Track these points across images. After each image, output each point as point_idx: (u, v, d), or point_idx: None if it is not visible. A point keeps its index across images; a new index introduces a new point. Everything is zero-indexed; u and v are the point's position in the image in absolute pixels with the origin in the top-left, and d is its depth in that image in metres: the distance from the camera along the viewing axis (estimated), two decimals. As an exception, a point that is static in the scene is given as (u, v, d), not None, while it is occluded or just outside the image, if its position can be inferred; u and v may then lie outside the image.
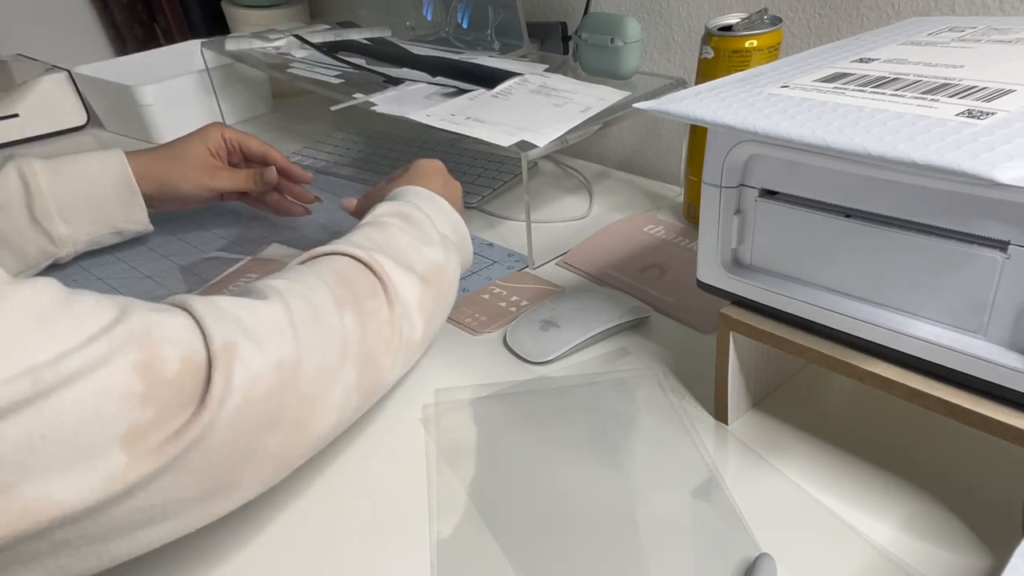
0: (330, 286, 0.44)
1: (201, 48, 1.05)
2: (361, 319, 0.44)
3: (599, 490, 0.46)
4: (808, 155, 0.39)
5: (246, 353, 0.37)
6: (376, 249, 0.49)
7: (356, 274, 0.46)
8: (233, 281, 0.70)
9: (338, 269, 0.46)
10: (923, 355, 0.39)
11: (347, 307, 0.44)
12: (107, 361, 0.32)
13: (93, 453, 0.31)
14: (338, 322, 0.43)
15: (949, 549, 0.41)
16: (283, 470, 0.41)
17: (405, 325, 0.48)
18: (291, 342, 0.39)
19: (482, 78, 0.82)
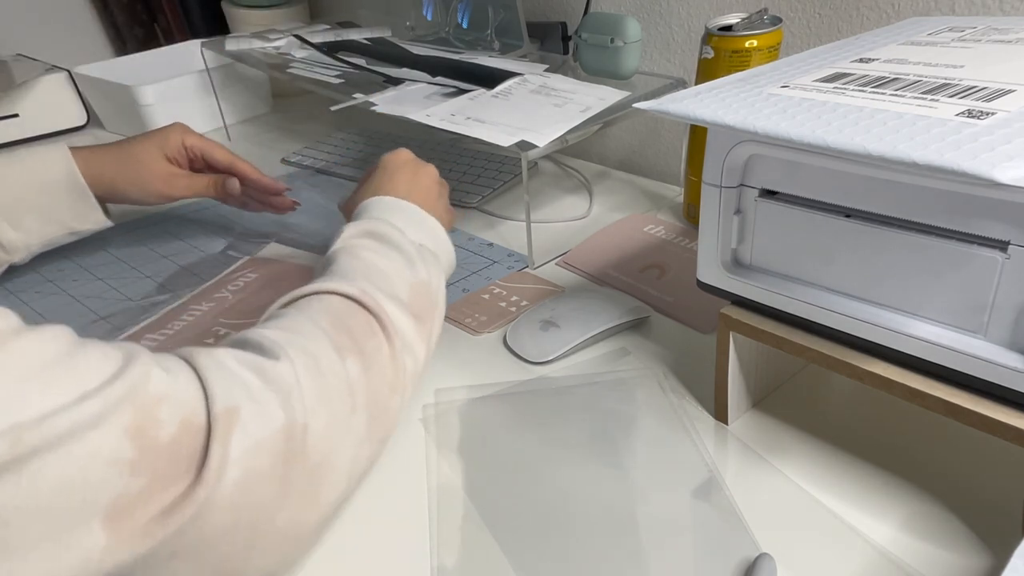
0: (327, 332, 0.41)
1: (201, 48, 1.05)
2: (364, 363, 0.41)
3: (599, 490, 0.46)
4: (808, 155, 0.39)
5: (248, 418, 0.33)
6: (361, 281, 0.45)
7: (350, 313, 0.43)
8: (232, 280, 0.70)
9: (330, 310, 0.42)
10: (923, 355, 0.39)
11: (349, 353, 0.40)
12: (99, 422, 0.29)
13: (70, 529, 0.28)
14: (342, 371, 0.39)
15: (949, 549, 0.41)
16: (294, 551, 0.38)
17: (408, 358, 0.45)
18: (298, 404, 0.36)
19: (482, 78, 0.82)
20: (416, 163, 0.61)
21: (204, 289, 0.70)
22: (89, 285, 0.72)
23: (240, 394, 0.34)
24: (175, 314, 0.66)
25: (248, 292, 0.69)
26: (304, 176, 0.96)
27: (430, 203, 0.58)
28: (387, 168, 0.60)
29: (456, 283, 0.70)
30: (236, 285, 0.70)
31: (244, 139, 1.11)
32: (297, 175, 0.96)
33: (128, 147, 0.71)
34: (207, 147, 0.73)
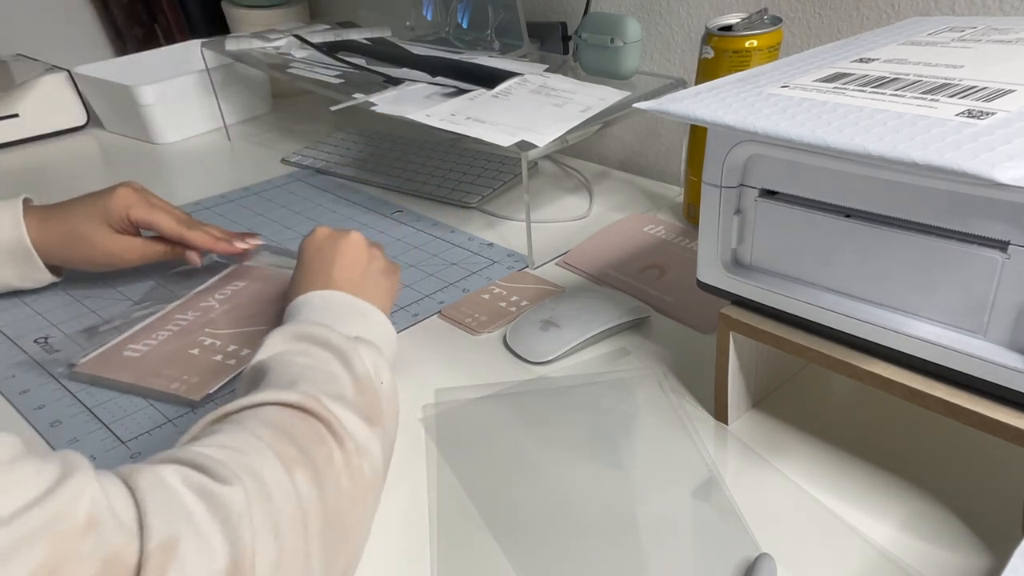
0: (270, 445, 0.36)
1: (201, 48, 1.05)
2: (316, 477, 0.36)
3: (599, 490, 0.46)
4: (808, 155, 0.39)
5: (188, 554, 0.29)
6: (301, 385, 0.41)
7: (293, 422, 0.38)
8: (219, 289, 0.68)
9: (272, 421, 0.38)
10: (923, 355, 0.39)
11: (297, 467, 0.36)
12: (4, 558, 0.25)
13: None
14: (292, 492, 0.35)
15: (949, 549, 0.41)
16: None
17: (364, 462, 0.40)
18: (247, 536, 0.32)
19: (482, 78, 0.82)
20: (334, 239, 0.56)
21: (190, 298, 0.68)
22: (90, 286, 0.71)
23: (181, 524, 0.30)
24: (160, 323, 0.64)
25: (236, 301, 0.67)
26: (304, 176, 0.96)
27: (355, 280, 0.54)
28: (305, 256, 0.56)
29: (456, 283, 0.70)
30: (223, 293, 0.68)
31: (244, 139, 1.11)
32: (297, 175, 0.96)
33: (76, 220, 0.66)
34: (154, 221, 0.67)
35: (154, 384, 0.57)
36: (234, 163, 1.03)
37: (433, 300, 0.67)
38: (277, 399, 0.39)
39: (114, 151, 1.09)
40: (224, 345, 0.61)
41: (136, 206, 0.67)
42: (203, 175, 0.99)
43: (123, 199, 0.66)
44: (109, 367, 0.59)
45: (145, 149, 1.09)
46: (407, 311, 0.66)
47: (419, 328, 0.64)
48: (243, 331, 0.63)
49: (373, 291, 0.55)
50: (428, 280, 0.71)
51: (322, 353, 0.45)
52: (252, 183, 0.94)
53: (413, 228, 0.81)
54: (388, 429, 0.45)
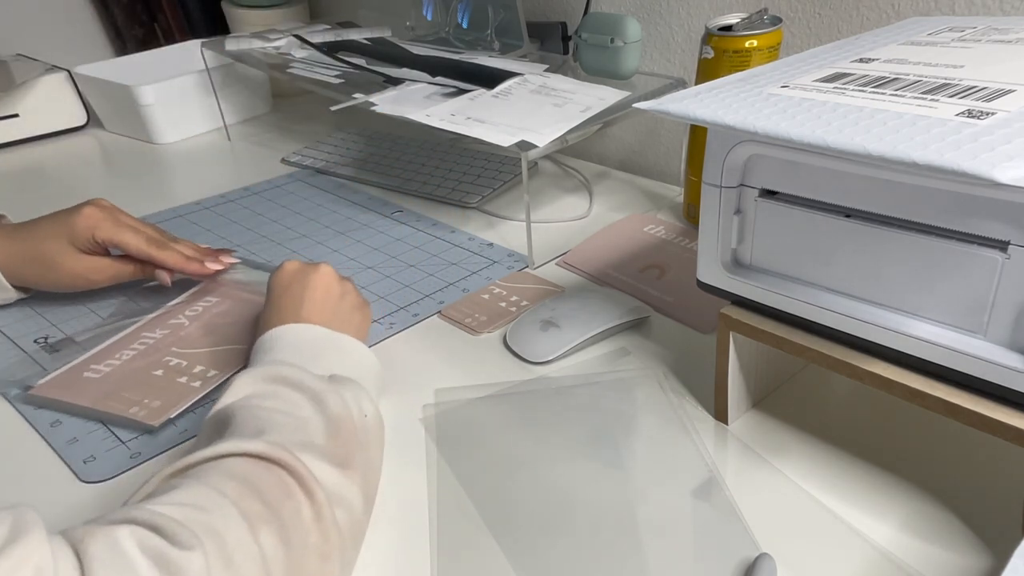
0: (234, 501, 0.34)
1: (201, 48, 1.05)
2: (282, 535, 0.35)
3: (599, 490, 0.46)
4: (808, 155, 0.39)
5: None
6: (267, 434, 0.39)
7: (258, 475, 0.36)
8: (190, 305, 0.66)
9: (236, 474, 0.36)
10: (923, 355, 0.39)
11: (262, 524, 0.34)
12: None
13: None
14: (255, 550, 0.33)
15: (949, 549, 0.41)
16: None
17: (339, 512, 0.38)
18: None
19: (482, 78, 0.82)
20: (304, 272, 0.54)
21: (159, 314, 0.65)
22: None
23: None
24: (126, 342, 0.61)
25: (206, 318, 0.64)
26: (304, 176, 0.96)
27: (327, 314, 0.52)
28: (274, 292, 0.54)
29: (456, 283, 0.70)
30: (194, 310, 0.65)
31: (244, 139, 1.11)
32: (297, 175, 0.96)
33: (37, 243, 0.64)
34: (120, 240, 0.64)
35: (112, 408, 0.54)
36: (234, 163, 1.03)
37: (433, 300, 0.67)
38: (242, 449, 0.37)
39: (114, 151, 1.09)
40: (190, 365, 0.58)
41: (101, 226, 0.64)
42: (203, 175, 0.99)
43: (88, 219, 0.63)
44: (67, 390, 0.56)
45: (145, 149, 1.09)
46: (407, 311, 0.66)
47: (419, 328, 0.64)
48: (211, 350, 0.60)
49: (346, 326, 0.53)
50: (428, 280, 0.71)
51: (293, 395, 0.43)
52: (252, 183, 0.94)
53: (413, 228, 0.81)
54: (370, 469, 0.43)
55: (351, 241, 0.78)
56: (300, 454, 0.38)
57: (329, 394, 0.43)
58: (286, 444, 0.38)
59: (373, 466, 0.44)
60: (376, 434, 0.45)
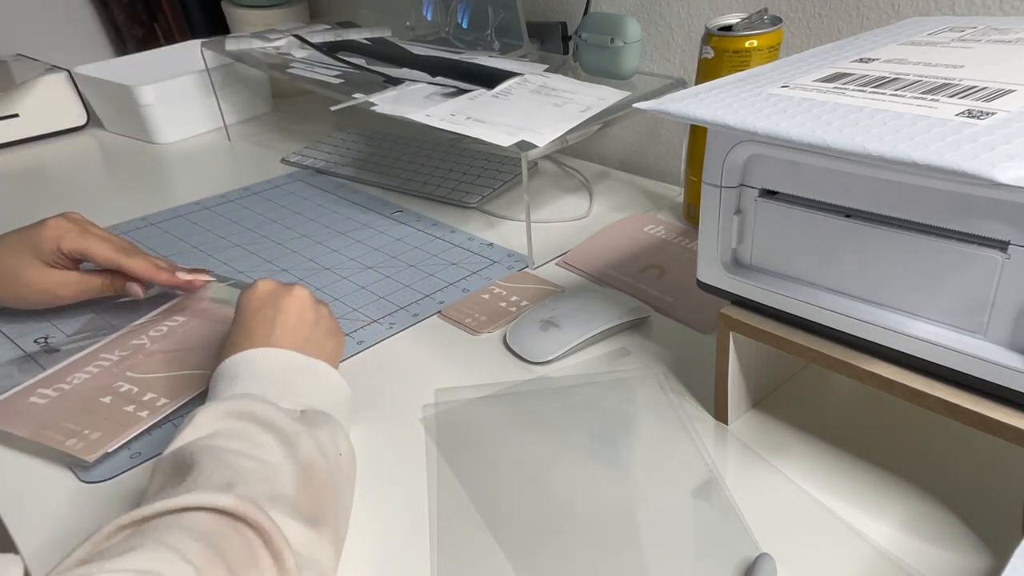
0: (197, 568, 0.31)
1: (201, 48, 1.05)
2: None
3: (599, 490, 0.46)
4: (808, 155, 0.39)
5: None
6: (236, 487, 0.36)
7: (223, 535, 0.34)
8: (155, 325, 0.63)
9: (200, 533, 0.33)
10: (923, 355, 0.39)
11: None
12: None
13: None
14: None
15: (949, 549, 0.41)
16: None
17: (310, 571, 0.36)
18: None
19: (482, 78, 0.82)
20: (277, 294, 0.51)
21: (123, 333, 0.62)
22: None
23: None
24: (82, 363, 0.58)
25: (170, 339, 0.61)
26: (304, 176, 0.96)
27: (300, 339, 0.49)
28: (244, 313, 0.50)
29: (456, 283, 0.70)
30: (159, 330, 0.62)
31: (244, 139, 1.11)
32: (297, 175, 0.96)
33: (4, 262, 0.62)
34: (87, 249, 0.62)
35: (48, 441, 0.50)
36: (234, 163, 1.03)
37: (433, 300, 0.67)
38: (209, 503, 0.34)
39: (114, 151, 1.09)
40: (141, 392, 0.55)
41: (67, 236, 0.61)
42: (203, 175, 0.99)
43: (53, 229, 0.61)
44: (8, 418, 0.53)
45: (145, 149, 1.09)
46: (407, 311, 0.66)
47: (419, 328, 0.64)
48: (168, 375, 0.57)
49: (319, 353, 0.50)
50: (428, 280, 0.71)
51: (262, 436, 0.40)
52: (252, 183, 0.94)
53: (413, 228, 0.81)
54: (341, 519, 0.41)
55: (351, 241, 0.78)
56: (270, 511, 0.36)
57: (302, 436, 0.41)
58: (256, 498, 0.36)
59: (345, 511, 0.43)
60: (349, 472, 0.44)
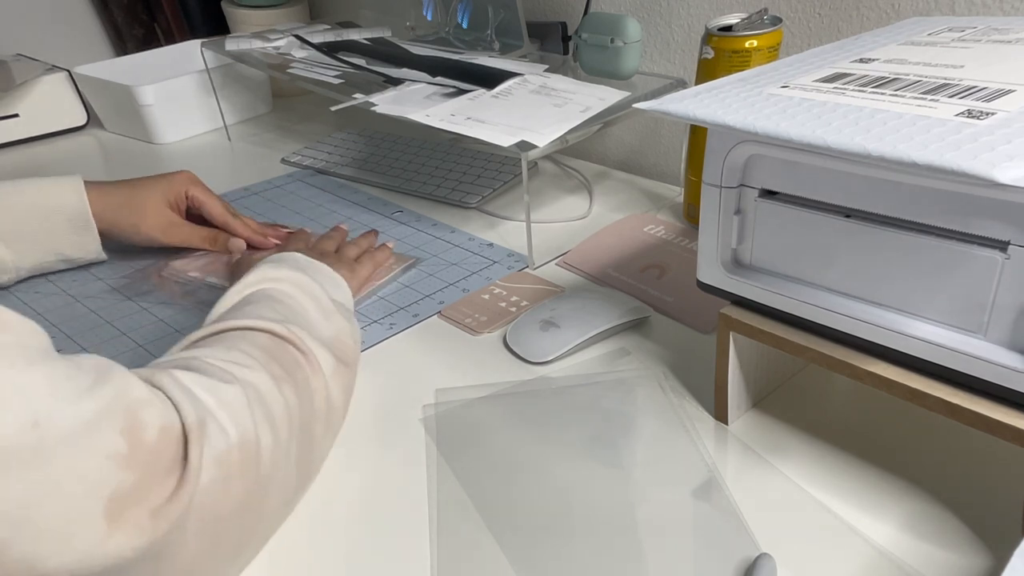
0: (262, 364, 0.42)
1: (201, 48, 1.05)
2: (296, 391, 0.43)
3: (599, 490, 0.46)
4: (808, 155, 0.39)
5: (212, 431, 0.36)
6: (287, 321, 0.47)
7: (279, 348, 0.44)
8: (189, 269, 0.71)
9: (261, 344, 0.44)
10: (923, 355, 0.39)
11: (283, 382, 0.42)
12: (98, 419, 0.31)
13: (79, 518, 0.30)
14: (280, 399, 0.41)
15: (949, 549, 0.41)
16: (237, 565, 0.40)
17: (333, 390, 0.47)
18: (249, 423, 0.38)
19: (482, 78, 0.82)
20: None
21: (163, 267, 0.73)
22: (90, 286, 0.72)
23: (202, 410, 0.36)
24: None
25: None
26: (304, 176, 0.96)
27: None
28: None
29: (456, 283, 0.70)
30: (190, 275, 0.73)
31: (244, 139, 1.11)
32: (297, 175, 0.96)
33: (136, 190, 0.72)
34: (206, 202, 0.74)
35: None
36: (234, 163, 1.03)
37: (433, 300, 0.67)
38: (267, 328, 0.45)
39: (114, 151, 1.09)
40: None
41: (196, 186, 0.74)
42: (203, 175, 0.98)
43: (185, 179, 0.74)
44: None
45: (145, 149, 1.09)
46: (407, 311, 0.66)
47: (419, 328, 0.64)
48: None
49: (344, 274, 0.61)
50: (428, 280, 0.71)
51: (307, 302, 0.50)
52: (252, 183, 0.94)
53: (413, 228, 0.81)
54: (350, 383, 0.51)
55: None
56: (309, 341, 0.46)
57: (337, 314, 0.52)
58: (300, 331, 0.46)
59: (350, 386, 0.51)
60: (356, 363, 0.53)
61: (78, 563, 0.30)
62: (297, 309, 0.49)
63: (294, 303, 0.50)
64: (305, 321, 0.48)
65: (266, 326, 0.45)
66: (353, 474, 0.49)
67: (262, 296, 0.49)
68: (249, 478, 0.37)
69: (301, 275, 0.52)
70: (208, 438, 0.35)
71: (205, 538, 0.35)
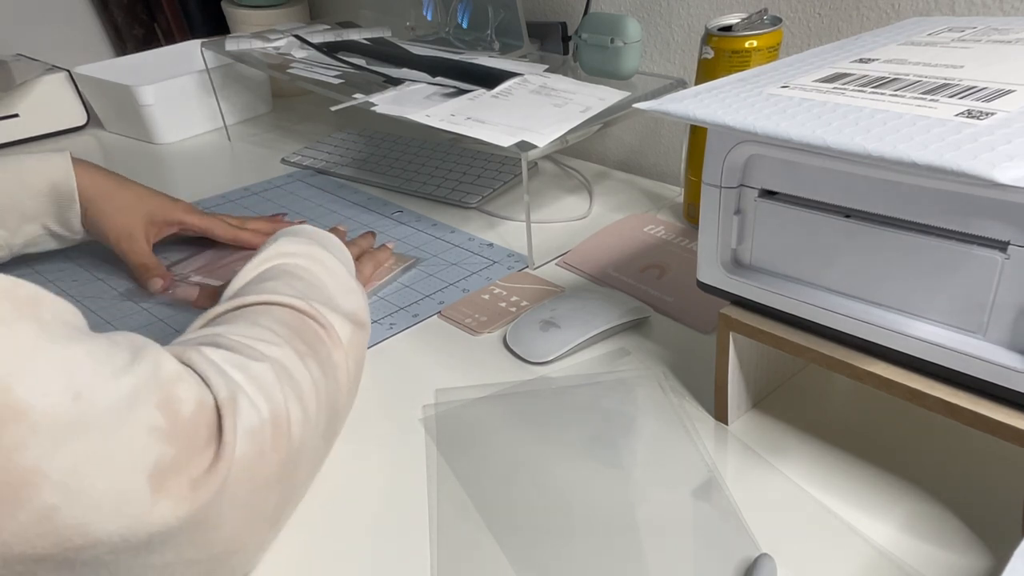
0: (287, 340, 0.43)
1: (201, 48, 1.05)
2: (321, 368, 0.44)
3: (599, 490, 0.46)
4: (808, 155, 0.39)
5: (244, 406, 0.36)
6: (306, 296, 0.48)
7: (301, 323, 0.45)
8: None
9: (284, 321, 0.45)
10: (923, 355, 0.39)
11: (308, 358, 0.43)
12: (136, 394, 0.32)
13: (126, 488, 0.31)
14: (306, 374, 0.42)
15: (949, 549, 0.41)
16: (275, 530, 0.41)
17: (351, 363, 0.48)
18: (279, 398, 0.39)
19: (482, 78, 0.82)
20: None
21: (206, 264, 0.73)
22: (89, 286, 0.72)
23: (233, 386, 0.37)
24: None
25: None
26: (304, 176, 0.96)
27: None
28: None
29: (456, 283, 0.70)
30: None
31: (244, 139, 1.11)
32: (297, 175, 0.96)
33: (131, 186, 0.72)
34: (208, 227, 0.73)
35: None
36: (234, 163, 1.03)
37: (433, 300, 0.67)
38: (289, 303, 0.46)
39: (114, 151, 1.09)
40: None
41: (191, 214, 0.73)
42: (203, 175, 0.99)
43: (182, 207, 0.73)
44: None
45: (145, 149, 1.09)
46: (407, 311, 0.66)
47: (419, 328, 0.64)
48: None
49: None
50: (428, 280, 0.71)
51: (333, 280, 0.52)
52: (252, 183, 0.94)
53: (413, 228, 0.81)
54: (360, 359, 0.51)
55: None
56: (328, 315, 0.47)
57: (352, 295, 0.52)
58: (319, 306, 0.47)
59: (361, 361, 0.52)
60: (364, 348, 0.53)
61: (127, 528, 0.31)
62: (315, 283, 0.50)
63: (312, 277, 0.51)
64: (323, 295, 0.49)
65: (287, 300, 0.46)
66: (353, 474, 0.49)
67: (280, 271, 0.50)
68: (281, 451, 0.38)
69: (318, 248, 0.53)
70: (240, 413, 0.36)
71: (243, 507, 0.36)
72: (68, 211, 0.69)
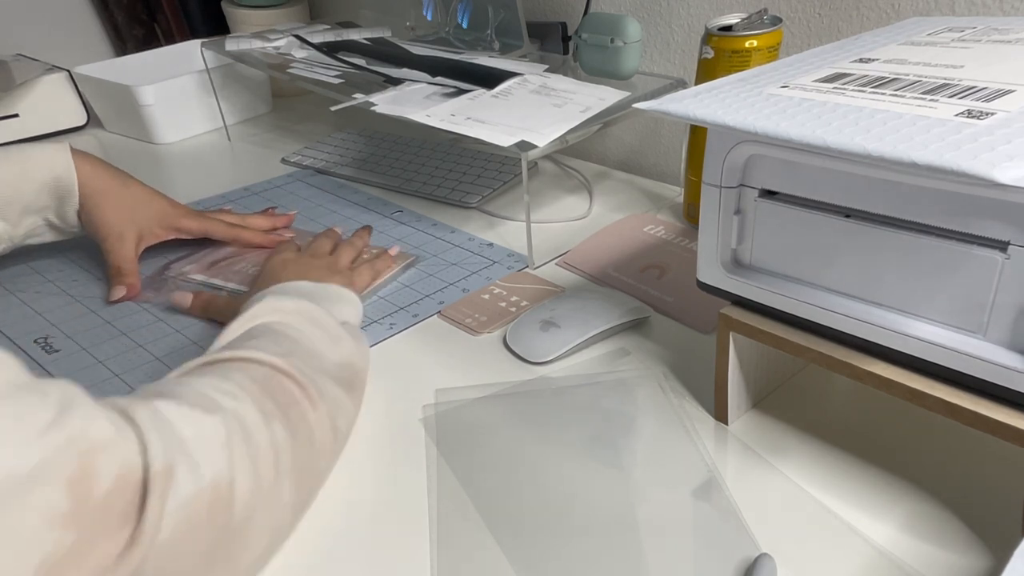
0: (255, 398, 0.40)
1: (201, 48, 1.05)
2: (290, 428, 0.41)
3: (599, 490, 0.46)
4: (808, 155, 0.39)
5: (182, 474, 0.33)
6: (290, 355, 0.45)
7: (275, 382, 0.43)
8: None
9: (255, 377, 0.42)
10: (923, 355, 0.39)
11: (275, 419, 0.40)
12: (43, 467, 0.28)
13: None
14: (268, 435, 0.39)
15: (949, 549, 0.41)
16: None
17: (338, 420, 0.46)
18: (226, 460, 0.36)
19: (482, 78, 0.82)
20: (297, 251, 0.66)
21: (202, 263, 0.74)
22: (89, 286, 0.72)
23: (175, 452, 0.33)
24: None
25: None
26: (304, 176, 0.96)
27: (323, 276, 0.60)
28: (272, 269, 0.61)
29: (456, 283, 0.70)
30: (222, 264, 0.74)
31: (244, 139, 1.11)
32: (297, 175, 0.96)
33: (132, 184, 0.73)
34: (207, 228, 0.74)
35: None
36: (234, 163, 1.03)
37: (433, 300, 0.67)
38: (267, 360, 0.44)
39: (114, 151, 1.09)
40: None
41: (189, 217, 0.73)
42: (203, 175, 0.99)
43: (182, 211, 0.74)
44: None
45: (145, 149, 1.09)
46: (407, 311, 0.66)
47: (419, 328, 0.64)
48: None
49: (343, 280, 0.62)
50: (428, 280, 0.71)
51: (315, 331, 0.50)
52: (252, 183, 0.94)
53: (413, 228, 0.81)
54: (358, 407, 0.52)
55: (351, 241, 0.78)
56: (312, 374, 0.45)
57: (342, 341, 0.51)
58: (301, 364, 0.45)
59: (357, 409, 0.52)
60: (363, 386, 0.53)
61: None
62: (303, 341, 0.48)
63: (299, 335, 0.48)
64: (310, 353, 0.47)
65: (266, 359, 0.44)
66: (353, 474, 0.49)
67: (266, 330, 0.48)
68: (218, 526, 0.35)
69: (307, 303, 0.51)
70: (176, 484, 0.32)
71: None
72: (66, 204, 0.69)
